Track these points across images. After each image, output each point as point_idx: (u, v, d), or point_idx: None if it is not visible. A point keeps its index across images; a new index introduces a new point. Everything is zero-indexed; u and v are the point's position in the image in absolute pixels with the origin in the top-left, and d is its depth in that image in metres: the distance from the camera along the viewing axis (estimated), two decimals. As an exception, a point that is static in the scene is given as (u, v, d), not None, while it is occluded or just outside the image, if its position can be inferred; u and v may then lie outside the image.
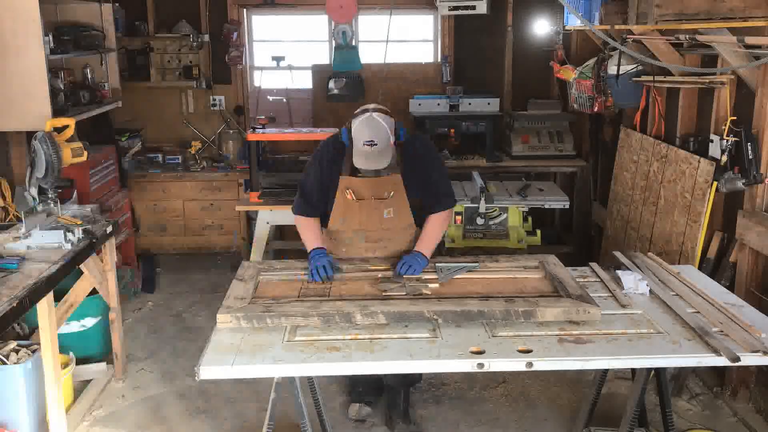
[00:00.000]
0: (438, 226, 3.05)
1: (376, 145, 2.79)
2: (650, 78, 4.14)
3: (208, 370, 2.19)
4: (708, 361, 2.26)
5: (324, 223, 3.10)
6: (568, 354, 2.25)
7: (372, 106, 2.94)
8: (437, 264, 2.90)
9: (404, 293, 2.65)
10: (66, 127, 3.45)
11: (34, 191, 3.31)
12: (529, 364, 2.22)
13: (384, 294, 2.65)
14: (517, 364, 2.25)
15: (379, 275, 2.86)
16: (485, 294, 2.62)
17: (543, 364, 2.27)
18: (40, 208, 3.38)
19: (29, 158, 3.32)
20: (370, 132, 2.80)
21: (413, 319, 2.44)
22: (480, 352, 2.25)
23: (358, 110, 2.95)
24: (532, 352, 2.25)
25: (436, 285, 2.73)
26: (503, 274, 2.85)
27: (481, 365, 2.21)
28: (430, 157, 3.10)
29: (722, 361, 2.27)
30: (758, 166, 3.29)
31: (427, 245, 2.97)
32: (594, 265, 3.02)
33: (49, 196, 3.39)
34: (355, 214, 3.01)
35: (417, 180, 3.02)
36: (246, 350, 2.28)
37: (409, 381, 3.44)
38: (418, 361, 2.24)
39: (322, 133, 4.83)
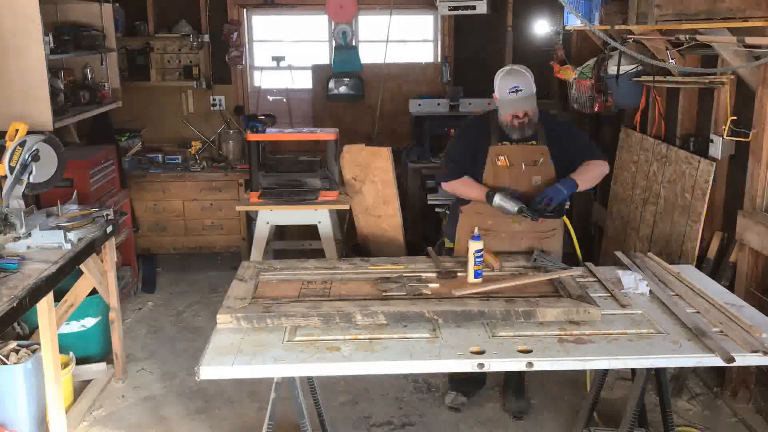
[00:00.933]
0: (595, 166, 3.21)
1: (521, 90, 3.04)
2: (650, 78, 4.14)
3: (208, 370, 2.19)
4: (708, 361, 2.26)
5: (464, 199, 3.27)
6: (568, 354, 2.25)
7: (509, 64, 3.20)
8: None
9: (404, 293, 2.65)
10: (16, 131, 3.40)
11: (20, 202, 3.26)
12: (530, 364, 2.22)
13: (384, 294, 2.65)
14: (518, 364, 2.26)
15: (372, 267, 2.87)
16: (485, 294, 2.62)
17: (543, 364, 2.27)
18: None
19: (19, 163, 3.22)
20: (514, 79, 3.07)
21: (413, 319, 2.44)
22: (480, 352, 2.25)
23: (498, 71, 3.17)
24: (532, 352, 2.25)
25: (437, 285, 2.73)
26: (506, 282, 2.85)
27: (481, 365, 2.21)
28: (570, 127, 3.36)
29: (721, 362, 2.27)
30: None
31: (579, 175, 3.12)
32: (590, 264, 3.03)
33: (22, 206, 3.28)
34: (505, 180, 3.15)
35: (563, 151, 3.18)
36: (246, 350, 2.28)
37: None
38: (418, 361, 2.24)
39: (322, 133, 4.84)
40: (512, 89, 3.05)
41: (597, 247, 5.22)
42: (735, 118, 3.47)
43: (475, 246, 2.71)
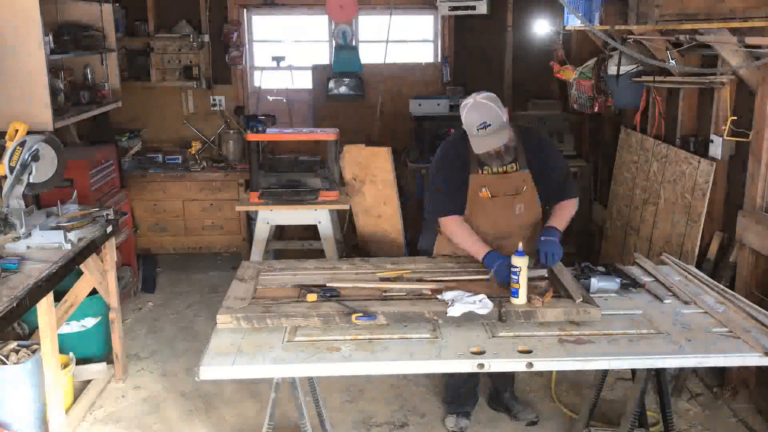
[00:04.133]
0: (568, 207, 3.07)
1: (489, 125, 2.78)
2: (650, 78, 4.14)
3: (209, 371, 2.19)
4: (708, 361, 2.26)
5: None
6: (568, 354, 2.25)
7: (474, 94, 2.92)
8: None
9: (404, 293, 2.65)
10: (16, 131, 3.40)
11: (20, 202, 3.26)
12: (530, 365, 2.22)
13: (384, 294, 2.64)
14: (518, 365, 2.26)
15: (379, 275, 2.86)
16: (485, 294, 2.61)
17: (543, 365, 2.27)
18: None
19: (18, 163, 3.22)
20: (480, 115, 2.80)
21: (413, 319, 2.44)
22: (480, 353, 2.25)
23: (462, 103, 2.93)
24: (533, 353, 2.25)
25: (436, 285, 2.73)
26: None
27: (481, 365, 2.21)
28: (550, 148, 3.15)
29: (721, 361, 2.27)
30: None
31: (559, 222, 2.99)
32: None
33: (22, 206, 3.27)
34: (489, 211, 3.02)
35: (540, 171, 3.03)
36: (246, 350, 2.28)
37: (510, 376, 3.47)
38: (418, 361, 2.24)
39: (322, 134, 4.84)
40: (480, 126, 2.79)
41: (597, 247, 5.23)
42: (735, 118, 3.47)
43: (518, 262, 2.52)
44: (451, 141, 3.11)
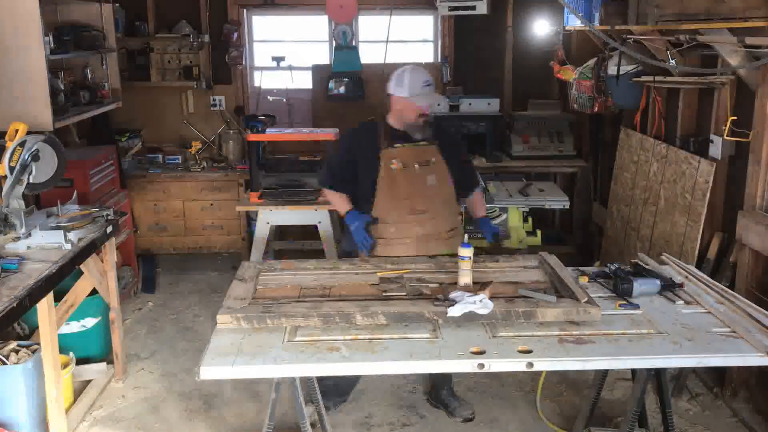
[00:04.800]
0: (481, 198, 3.49)
1: (432, 85, 3.20)
2: (650, 78, 4.14)
3: (209, 371, 2.18)
4: (709, 361, 2.26)
5: (366, 209, 3.23)
6: (568, 354, 2.25)
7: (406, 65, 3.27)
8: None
9: (404, 293, 2.65)
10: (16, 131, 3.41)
11: (20, 202, 3.26)
12: (530, 365, 2.22)
13: (384, 294, 2.64)
14: (518, 365, 2.25)
15: (379, 275, 2.86)
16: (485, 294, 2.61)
17: (544, 365, 2.27)
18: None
19: (18, 163, 3.22)
20: (424, 74, 3.19)
21: (413, 319, 2.43)
22: (480, 353, 2.25)
23: (395, 72, 3.29)
24: (533, 353, 2.25)
25: (436, 285, 2.73)
26: (504, 277, 2.84)
27: (481, 365, 2.21)
28: (458, 141, 3.56)
29: (721, 361, 2.27)
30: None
31: (483, 210, 3.46)
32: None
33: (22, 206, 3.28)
34: (400, 183, 3.16)
35: (450, 155, 3.28)
36: (246, 351, 2.27)
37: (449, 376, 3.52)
38: (418, 361, 2.24)
39: (322, 133, 4.84)
40: (425, 83, 3.16)
41: (597, 247, 5.23)
42: (735, 118, 3.47)
43: (463, 253, 2.64)
44: (361, 124, 3.43)
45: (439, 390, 3.49)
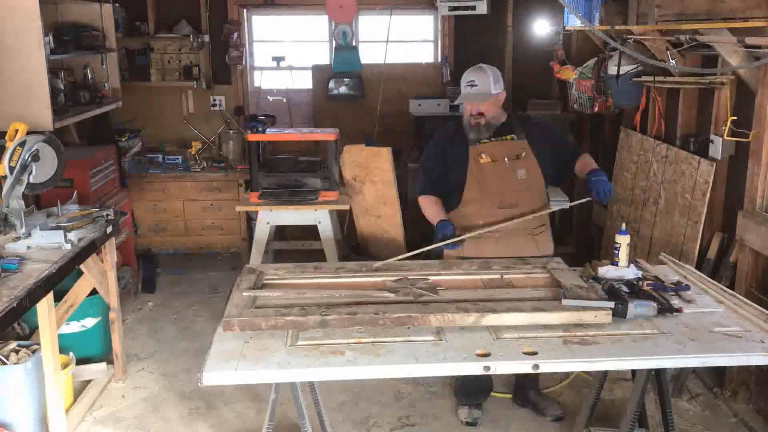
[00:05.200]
0: (588, 158, 3.26)
1: (476, 86, 3.14)
2: (650, 78, 4.14)
3: (211, 376, 2.16)
4: (712, 361, 2.26)
5: (454, 203, 3.21)
6: (573, 355, 2.25)
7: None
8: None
9: (409, 297, 2.63)
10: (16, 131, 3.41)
11: (20, 202, 3.26)
12: (536, 366, 2.21)
13: (387, 298, 2.63)
14: (524, 366, 2.24)
15: (381, 279, 2.84)
16: (487, 299, 2.59)
17: (549, 366, 2.26)
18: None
19: (18, 163, 3.23)
20: (474, 74, 3.17)
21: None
22: (486, 355, 2.24)
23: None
24: (538, 354, 2.24)
25: (443, 287, 2.72)
26: (510, 289, 2.81)
27: (487, 368, 2.20)
28: (550, 128, 3.38)
29: (725, 361, 2.27)
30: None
31: (594, 166, 3.17)
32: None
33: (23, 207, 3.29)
34: (490, 177, 3.13)
35: (546, 149, 3.21)
36: (249, 356, 2.25)
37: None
38: (424, 364, 2.22)
39: (322, 133, 4.84)
40: (468, 83, 3.16)
41: (597, 247, 5.23)
42: (735, 118, 3.47)
43: (620, 240, 2.78)
44: (446, 124, 3.39)
45: (526, 390, 3.49)
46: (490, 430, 3.36)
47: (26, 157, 3.23)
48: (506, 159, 3.14)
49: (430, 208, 3.21)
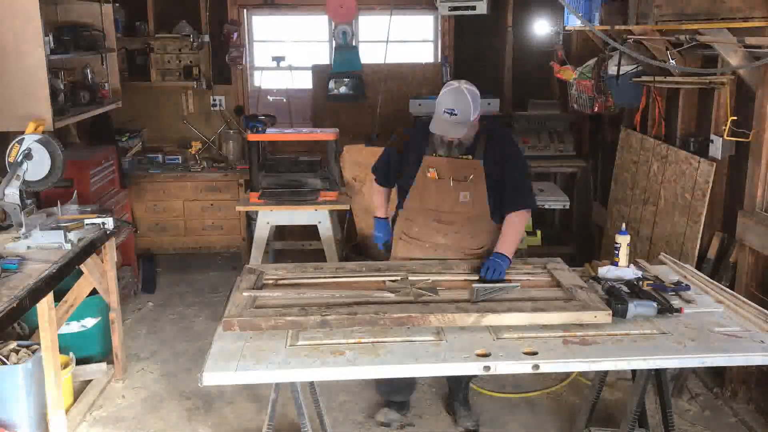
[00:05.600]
0: (517, 224, 3.01)
1: (456, 115, 2.84)
2: (650, 78, 4.14)
3: (212, 377, 2.17)
4: (712, 360, 2.26)
5: (401, 203, 3.21)
6: (573, 355, 2.25)
7: (462, 81, 2.98)
8: (474, 285, 2.69)
9: (409, 297, 2.63)
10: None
11: (15, 196, 3.27)
12: (536, 366, 2.21)
13: (388, 298, 2.63)
14: (524, 367, 2.24)
15: (381, 279, 2.84)
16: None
17: (549, 366, 2.26)
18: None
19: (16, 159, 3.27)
20: (454, 101, 2.85)
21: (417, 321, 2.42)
22: (486, 355, 2.24)
23: (449, 81, 3.01)
24: (538, 354, 2.24)
25: (443, 287, 2.72)
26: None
27: (487, 368, 2.20)
28: (513, 153, 3.08)
29: (725, 361, 2.27)
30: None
31: (507, 246, 2.92)
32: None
33: (27, 203, 3.33)
34: (432, 193, 3.05)
35: (498, 172, 3.00)
36: (249, 356, 2.26)
37: (465, 379, 3.45)
38: (424, 364, 2.23)
39: (322, 134, 4.84)
40: (448, 110, 2.85)
41: (597, 247, 5.23)
42: (735, 118, 3.47)
43: (619, 239, 2.81)
44: (421, 123, 3.15)
45: (453, 396, 3.46)
46: (489, 430, 3.36)
47: (19, 156, 3.25)
48: (451, 179, 3.00)
49: (377, 197, 3.35)
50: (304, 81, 6.13)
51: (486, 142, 3.01)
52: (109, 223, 3.48)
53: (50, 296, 2.94)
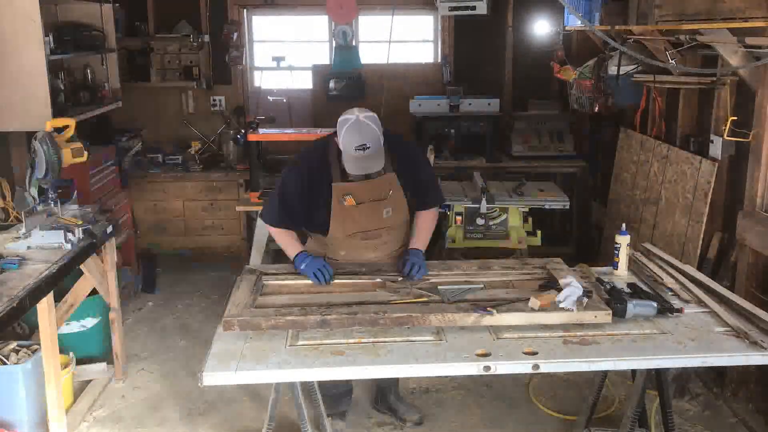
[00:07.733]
0: (429, 221, 3.11)
1: (368, 148, 2.71)
2: (650, 78, 4.14)
3: (212, 377, 2.17)
4: (713, 360, 2.26)
5: (320, 231, 3.01)
6: (574, 355, 2.25)
7: (356, 110, 2.81)
8: (440, 287, 2.72)
9: (409, 297, 2.63)
10: (66, 127, 3.44)
11: (34, 191, 3.30)
12: (536, 366, 2.21)
13: (387, 298, 2.63)
14: (524, 367, 2.24)
15: (380, 279, 2.84)
16: (488, 299, 2.59)
17: (549, 367, 2.26)
18: (40, 208, 3.37)
19: (29, 159, 3.31)
20: (361, 136, 2.70)
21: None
22: (486, 355, 2.24)
23: (341, 117, 2.80)
24: (538, 354, 2.24)
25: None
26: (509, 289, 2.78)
27: (487, 368, 2.20)
28: (417, 157, 3.14)
29: (725, 361, 2.27)
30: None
31: (423, 242, 3.03)
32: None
33: (50, 196, 3.38)
34: (354, 219, 2.94)
35: (407, 179, 2.98)
36: (249, 356, 2.26)
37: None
38: (424, 365, 2.23)
39: (322, 134, 4.82)
40: (359, 147, 2.69)
41: (597, 247, 5.23)
42: (735, 118, 3.47)
43: (619, 240, 2.88)
44: (311, 150, 3.01)
45: (386, 395, 3.43)
46: (489, 430, 3.36)
47: (31, 155, 3.28)
48: (371, 200, 2.91)
49: (285, 239, 3.00)
50: (305, 81, 6.14)
51: (390, 153, 2.90)
52: (110, 229, 3.52)
53: (50, 296, 2.94)
